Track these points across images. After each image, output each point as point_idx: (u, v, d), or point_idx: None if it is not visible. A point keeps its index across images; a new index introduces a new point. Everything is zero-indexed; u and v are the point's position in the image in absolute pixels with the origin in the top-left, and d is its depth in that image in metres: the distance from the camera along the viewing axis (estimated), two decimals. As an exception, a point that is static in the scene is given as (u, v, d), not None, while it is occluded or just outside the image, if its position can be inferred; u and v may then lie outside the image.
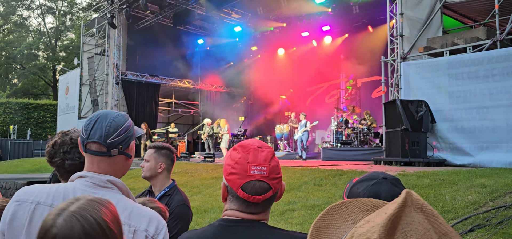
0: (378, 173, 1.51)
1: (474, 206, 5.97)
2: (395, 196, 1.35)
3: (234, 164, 1.40)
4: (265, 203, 1.41)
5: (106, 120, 1.58)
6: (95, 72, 20.86)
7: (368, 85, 18.89)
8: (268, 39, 22.26)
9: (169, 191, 3.03)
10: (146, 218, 1.51)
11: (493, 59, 9.61)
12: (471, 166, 9.50)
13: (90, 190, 1.52)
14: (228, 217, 1.43)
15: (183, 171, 12.01)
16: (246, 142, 1.46)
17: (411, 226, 0.70)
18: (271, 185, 1.39)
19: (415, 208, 0.73)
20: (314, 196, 7.63)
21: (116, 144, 1.57)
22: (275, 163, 1.43)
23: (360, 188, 1.47)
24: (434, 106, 10.34)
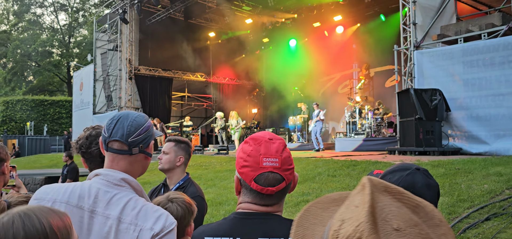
0: (409, 164, 1.51)
1: (490, 194, 5.93)
2: (429, 186, 1.44)
3: (246, 157, 1.40)
4: (278, 195, 1.41)
5: (128, 120, 1.63)
6: (109, 68, 21.05)
7: (381, 75, 18.72)
8: (279, 31, 22.16)
9: (183, 183, 3.05)
10: (153, 217, 1.52)
11: (509, 45, 9.45)
12: (487, 154, 9.39)
13: (104, 188, 1.56)
14: (242, 210, 1.44)
15: (197, 164, 12.10)
16: (257, 134, 1.47)
17: (385, 209, 0.70)
18: (284, 176, 1.39)
19: (380, 192, 0.73)
20: (328, 187, 7.63)
21: (137, 143, 1.62)
22: (287, 154, 1.43)
23: (393, 179, 1.46)
24: (448, 95, 10.22)
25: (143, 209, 1.54)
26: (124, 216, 1.52)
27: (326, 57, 19.88)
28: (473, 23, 10.77)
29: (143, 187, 1.72)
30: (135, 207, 1.54)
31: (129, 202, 1.55)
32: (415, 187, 1.40)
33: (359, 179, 7.84)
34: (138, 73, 20.28)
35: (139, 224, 1.50)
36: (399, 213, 0.70)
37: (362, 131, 15.05)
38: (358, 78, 19.44)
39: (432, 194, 1.41)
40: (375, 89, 19.19)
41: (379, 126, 15.00)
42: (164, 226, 1.51)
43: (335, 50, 19.83)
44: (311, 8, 20.15)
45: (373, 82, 19.33)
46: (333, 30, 20.38)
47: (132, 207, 1.53)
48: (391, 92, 15.19)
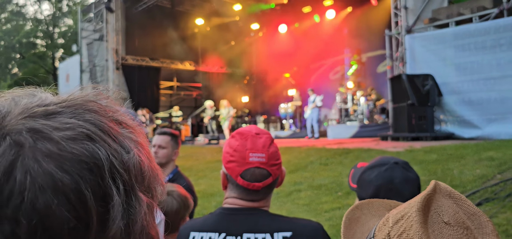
0: (387, 158, 1.50)
1: (482, 179, 5.96)
2: (408, 180, 1.42)
3: (233, 152, 1.40)
4: (265, 190, 1.41)
5: None
6: (95, 58, 20.68)
7: (373, 60, 18.63)
8: (269, 17, 21.89)
9: (173, 176, 3.06)
10: None
11: (500, 28, 9.44)
12: (479, 138, 9.43)
13: None
14: (229, 205, 1.44)
15: (188, 155, 11.96)
16: (243, 128, 1.46)
17: (442, 208, 0.77)
18: (271, 171, 1.39)
19: (443, 195, 0.80)
20: (320, 175, 7.58)
21: None
22: (274, 149, 1.42)
23: (371, 175, 1.45)
24: (440, 79, 10.20)
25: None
26: None
27: (317, 43, 19.74)
28: (464, 6, 10.71)
29: None
30: None
31: None
32: (394, 182, 1.40)
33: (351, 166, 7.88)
34: (125, 63, 19.96)
35: None
36: (454, 214, 0.77)
37: (355, 117, 14.99)
38: (350, 64, 19.34)
39: (411, 188, 1.39)
40: (367, 74, 19.09)
41: (371, 112, 14.96)
42: None
43: (326, 35, 19.68)
44: (302, -8, 19.95)
45: (365, 67, 19.23)
46: (324, 15, 20.19)
47: None
48: (383, 78, 15.13)
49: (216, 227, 1.41)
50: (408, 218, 0.78)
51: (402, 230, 0.77)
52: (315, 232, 1.40)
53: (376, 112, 14.99)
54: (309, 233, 1.39)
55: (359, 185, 1.51)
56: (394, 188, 1.39)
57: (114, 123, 0.52)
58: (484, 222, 0.78)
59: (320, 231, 1.41)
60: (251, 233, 1.37)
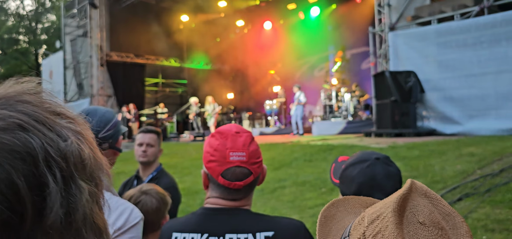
0: (369, 153, 1.50)
1: (463, 175, 6.06)
2: (390, 176, 1.44)
3: (213, 151, 1.39)
4: (246, 189, 1.41)
5: (96, 116, 1.62)
6: (79, 55, 20.42)
7: (357, 57, 18.79)
8: (254, 13, 21.90)
9: (157, 174, 3.05)
10: (117, 211, 1.48)
11: (480, 26, 9.60)
12: (461, 134, 9.60)
13: None
14: (210, 205, 1.43)
15: (173, 152, 11.93)
16: (223, 127, 1.45)
17: (417, 207, 0.78)
18: (252, 170, 1.39)
19: (419, 194, 0.81)
20: (304, 172, 7.64)
21: (106, 139, 1.62)
22: (254, 147, 1.42)
23: (354, 171, 1.45)
24: (423, 76, 10.35)
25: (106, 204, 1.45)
26: None
27: (302, 40, 19.83)
28: (446, 4, 10.88)
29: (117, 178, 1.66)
30: None
31: None
32: (376, 179, 1.41)
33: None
34: (110, 60, 19.77)
35: None
36: (429, 214, 0.77)
37: (339, 114, 15.11)
38: (334, 61, 19.47)
39: (393, 183, 1.41)
40: (351, 71, 19.26)
41: (355, 108, 15.10)
42: (126, 221, 1.47)
43: (311, 32, 19.78)
44: (286, -11, 19.99)
45: (349, 64, 19.39)
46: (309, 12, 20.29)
47: None
48: (367, 75, 15.28)
49: (198, 228, 1.41)
50: (384, 218, 0.78)
51: (377, 230, 0.78)
52: (297, 231, 1.41)
53: (360, 109, 15.14)
54: (291, 232, 1.40)
55: (341, 182, 1.51)
56: (377, 185, 1.40)
57: (51, 113, 0.52)
58: (459, 222, 0.80)
59: (302, 229, 1.42)
60: (234, 233, 1.37)
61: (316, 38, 19.63)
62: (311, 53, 20.43)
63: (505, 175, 5.68)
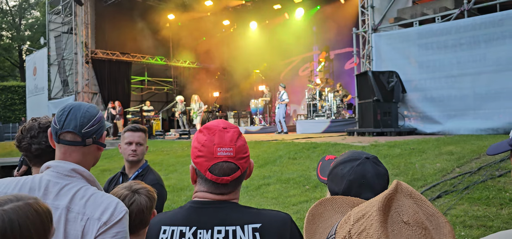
0: (358, 152, 1.53)
1: (442, 172, 6.19)
2: (379, 175, 1.47)
3: (201, 147, 1.40)
4: (234, 183, 1.42)
5: (80, 111, 1.62)
6: (63, 52, 20.21)
7: (340, 57, 19.02)
8: (240, 13, 21.98)
9: (142, 171, 3.04)
10: (102, 205, 1.51)
11: (460, 28, 9.81)
12: (440, 133, 9.79)
13: (54, 180, 1.55)
14: (198, 199, 1.44)
15: (159, 149, 11.94)
16: (211, 123, 1.46)
17: (402, 208, 0.80)
18: (239, 165, 1.40)
19: (404, 195, 0.83)
20: (288, 169, 7.73)
21: (90, 134, 1.63)
22: (241, 143, 1.43)
23: (344, 169, 1.48)
24: (404, 77, 10.53)
25: (91, 198, 1.53)
26: (73, 205, 1.50)
27: (287, 40, 19.95)
28: (427, 6, 11.10)
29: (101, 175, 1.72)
30: (84, 196, 1.53)
31: (78, 191, 1.54)
32: (366, 177, 1.44)
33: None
34: (95, 57, 19.62)
35: (86, 213, 1.49)
36: (413, 214, 0.80)
37: (323, 113, 15.28)
38: (318, 61, 19.67)
39: (382, 182, 1.45)
40: (335, 71, 19.50)
41: (338, 107, 15.29)
42: (112, 215, 1.49)
43: (296, 32, 19.91)
44: (272, -10, 20.10)
45: (333, 64, 19.62)
46: (294, 13, 20.44)
47: (81, 196, 1.53)
48: (351, 75, 15.48)
49: (186, 221, 1.42)
50: (369, 217, 0.80)
51: (362, 228, 0.80)
52: (284, 223, 1.43)
53: (343, 108, 15.34)
54: (278, 224, 1.41)
55: (331, 179, 1.53)
56: (366, 183, 1.43)
57: None
58: (442, 223, 0.82)
59: (288, 221, 1.44)
60: (222, 225, 1.39)
61: (301, 39, 19.79)
62: (296, 53, 20.60)
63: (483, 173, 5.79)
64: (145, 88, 23.68)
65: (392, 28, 11.28)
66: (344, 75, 18.24)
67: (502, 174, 5.64)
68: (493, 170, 5.87)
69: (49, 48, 21.25)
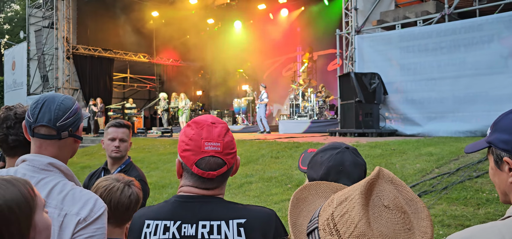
0: (339, 143, 1.56)
1: (422, 173, 6.30)
2: (357, 164, 1.50)
3: (188, 141, 1.39)
4: (220, 178, 1.42)
5: (54, 103, 1.56)
6: (44, 46, 19.85)
7: (324, 58, 19.17)
8: (224, 12, 21.96)
9: (125, 167, 3.02)
10: (80, 201, 1.47)
11: (441, 32, 9.98)
12: (420, 135, 9.95)
13: (30, 174, 1.50)
14: (184, 193, 1.43)
15: (140, 147, 11.85)
16: (200, 117, 1.45)
17: (383, 192, 0.84)
18: (226, 160, 1.40)
19: (386, 180, 0.87)
20: (271, 168, 7.76)
21: (65, 127, 1.57)
22: (229, 138, 1.43)
23: (324, 157, 1.51)
24: (386, 79, 10.66)
25: (70, 193, 1.48)
26: (50, 200, 1.45)
27: (271, 40, 20.04)
28: (410, 10, 11.27)
29: (82, 171, 1.68)
30: (62, 191, 1.48)
31: (56, 186, 1.49)
32: (344, 164, 1.47)
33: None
34: (77, 53, 19.34)
35: (64, 209, 1.44)
36: (394, 198, 0.84)
37: (305, 113, 15.38)
38: (302, 62, 19.79)
39: (359, 172, 1.48)
40: (318, 72, 19.65)
41: (321, 108, 15.40)
42: (91, 211, 1.45)
43: (280, 33, 20.02)
44: (257, -11, 20.14)
45: (316, 65, 19.77)
46: (278, 13, 20.53)
47: (58, 191, 1.48)
48: (334, 76, 15.62)
49: (171, 215, 1.41)
50: (351, 200, 0.83)
51: (345, 210, 0.83)
52: (269, 218, 1.43)
53: (326, 109, 15.47)
54: (263, 219, 1.41)
55: (310, 167, 1.56)
56: (344, 170, 1.46)
57: None
58: (420, 207, 0.86)
59: (273, 217, 1.44)
60: (206, 220, 1.38)
61: (285, 39, 19.91)
62: (280, 53, 20.70)
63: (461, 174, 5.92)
64: (127, 85, 23.45)
65: (375, 31, 11.42)
66: (327, 76, 18.39)
67: (479, 175, 5.77)
68: (470, 171, 6.01)
69: (29, 43, 20.85)
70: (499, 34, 9.17)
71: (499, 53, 9.18)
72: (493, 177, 1.25)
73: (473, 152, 1.24)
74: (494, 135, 1.22)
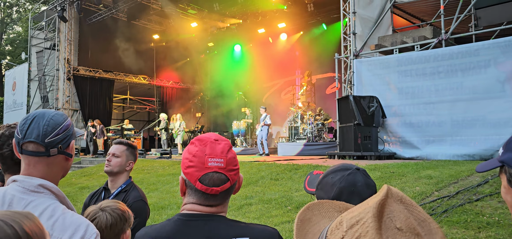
0: (349, 164, 1.57)
1: (422, 196, 6.28)
2: (369, 185, 1.51)
3: (192, 157, 1.40)
4: (223, 195, 1.42)
5: (44, 119, 1.51)
6: (45, 67, 20.02)
7: (322, 82, 19.32)
8: (224, 36, 22.23)
9: (126, 187, 3.01)
10: (71, 227, 1.40)
11: (438, 57, 10.08)
12: (419, 158, 9.94)
13: (20, 195, 1.45)
14: (187, 211, 1.43)
15: (140, 168, 11.83)
16: (203, 135, 1.47)
17: (394, 213, 0.80)
18: (229, 176, 1.40)
19: (395, 200, 0.83)
20: (270, 190, 7.74)
21: (55, 143, 1.51)
22: (232, 155, 1.44)
23: (335, 178, 1.51)
24: (384, 102, 10.72)
25: (60, 219, 1.42)
26: None
27: (270, 63, 20.22)
28: (407, 35, 11.42)
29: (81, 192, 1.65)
30: (52, 216, 1.41)
31: (46, 210, 1.42)
32: (356, 185, 1.48)
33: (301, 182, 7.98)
34: (77, 74, 19.48)
35: (54, 235, 1.37)
36: (405, 220, 0.79)
37: (304, 135, 15.41)
38: (301, 85, 19.93)
39: (371, 193, 1.49)
40: (317, 95, 19.77)
41: (320, 131, 15.44)
42: (83, 237, 1.40)
43: (279, 56, 20.23)
44: (256, 14, 20.41)
45: (315, 88, 19.91)
46: (277, 37, 20.79)
47: (48, 216, 1.41)
48: (332, 99, 15.70)
49: (174, 234, 1.40)
50: (364, 223, 0.79)
51: (357, 235, 0.79)
52: (271, 237, 1.43)
53: (325, 131, 15.51)
54: (266, 238, 1.42)
55: (320, 188, 1.55)
56: (356, 191, 1.45)
57: None
58: (434, 229, 0.82)
59: (276, 236, 1.44)
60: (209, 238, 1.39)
61: (284, 62, 20.10)
62: (279, 76, 20.87)
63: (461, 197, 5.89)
64: (126, 107, 23.53)
65: (373, 55, 11.54)
66: (326, 100, 18.50)
67: (479, 198, 5.76)
68: (470, 194, 6.00)
69: (30, 64, 21.02)
70: (495, 59, 9.27)
71: (496, 77, 9.26)
72: (505, 195, 1.26)
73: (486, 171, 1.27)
74: (506, 154, 1.24)
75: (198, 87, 24.98)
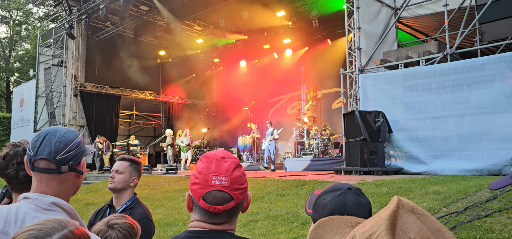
0: (342, 184, 1.56)
1: (430, 212, 6.14)
2: (360, 205, 1.48)
3: (197, 174, 1.40)
4: (227, 213, 1.40)
5: (55, 136, 1.52)
6: (52, 84, 20.24)
7: (328, 97, 19.33)
8: (230, 51, 22.39)
9: (131, 204, 3.00)
10: None
11: (444, 71, 10.07)
12: (426, 173, 9.86)
13: (32, 213, 1.46)
14: (193, 228, 1.42)
15: (145, 184, 11.83)
16: (211, 152, 1.46)
17: (407, 225, 0.78)
18: (233, 195, 1.38)
19: (406, 211, 0.81)
20: (276, 206, 7.70)
21: (66, 160, 1.52)
22: (238, 174, 1.42)
23: (326, 199, 1.49)
24: (390, 117, 10.69)
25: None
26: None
27: (276, 79, 20.28)
28: (412, 50, 11.43)
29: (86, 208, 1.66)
30: None
31: None
32: (347, 206, 1.46)
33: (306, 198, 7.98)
34: (84, 90, 19.64)
35: None
36: (419, 230, 0.78)
37: (310, 151, 15.37)
38: (306, 100, 19.94)
39: (363, 212, 1.47)
40: (322, 110, 19.76)
41: (326, 146, 15.40)
42: None
43: (284, 72, 20.31)
44: (262, 30, 20.55)
45: (321, 103, 19.91)
46: (283, 53, 20.89)
47: None
48: (338, 114, 15.69)
49: None
50: (377, 237, 0.78)
51: None
52: None
53: (331, 147, 15.47)
54: None
55: (314, 210, 1.54)
56: (347, 212, 1.44)
57: None
58: (449, 238, 0.80)
59: None
60: None
61: (289, 78, 20.16)
62: (284, 91, 20.92)
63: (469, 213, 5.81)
64: (133, 123, 23.64)
65: (379, 70, 11.54)
66: (332, 115, 18.48)
67: (488, 215, 5.69)
68: (479, 210, 5.93)
69: (38, 80, 21.25)
70: (501, 74, 9.24)
71: (502, 92, 9.22)
72: None
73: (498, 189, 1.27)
74: None
75: (203, 103, 25.08)
